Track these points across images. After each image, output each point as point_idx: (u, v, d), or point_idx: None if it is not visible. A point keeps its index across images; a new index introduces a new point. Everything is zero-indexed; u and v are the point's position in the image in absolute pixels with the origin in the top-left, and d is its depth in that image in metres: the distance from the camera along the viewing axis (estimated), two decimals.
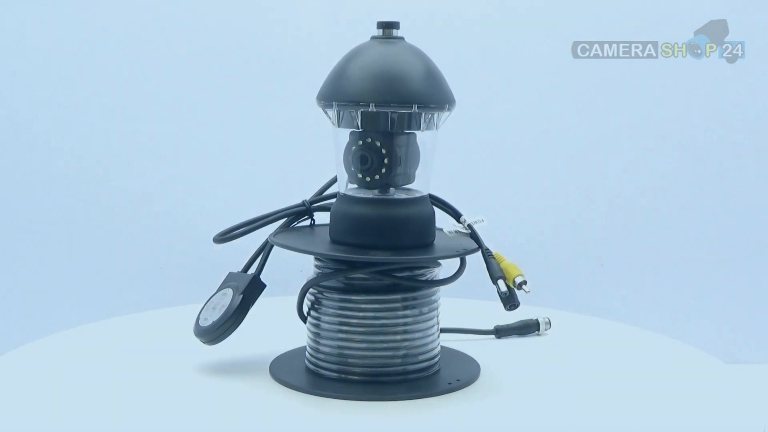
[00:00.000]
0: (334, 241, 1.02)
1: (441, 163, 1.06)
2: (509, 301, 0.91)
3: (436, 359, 1.03)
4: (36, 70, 1.82)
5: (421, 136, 1.01)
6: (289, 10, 1.81)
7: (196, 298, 1.51)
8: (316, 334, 1.02)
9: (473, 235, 1.00)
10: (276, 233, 1.06)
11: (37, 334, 1.17)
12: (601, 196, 1.83)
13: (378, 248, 0.98)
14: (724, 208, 1.84)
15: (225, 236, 1.05)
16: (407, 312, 0.99)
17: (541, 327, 1.20)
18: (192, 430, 0.88)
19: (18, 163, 1.84)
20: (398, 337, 0.99)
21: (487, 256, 0.95)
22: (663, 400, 0.97)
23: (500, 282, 0.93)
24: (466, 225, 1.01)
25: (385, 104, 0.96)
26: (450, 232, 1.00)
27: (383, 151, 0.99)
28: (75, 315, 1.72)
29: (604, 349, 1.18)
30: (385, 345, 0.99)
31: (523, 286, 0.93)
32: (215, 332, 1.01)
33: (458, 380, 1.00)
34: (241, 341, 1.12)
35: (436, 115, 1.00)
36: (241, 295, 1.02)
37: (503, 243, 1.03)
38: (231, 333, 1.02)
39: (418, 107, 0.96)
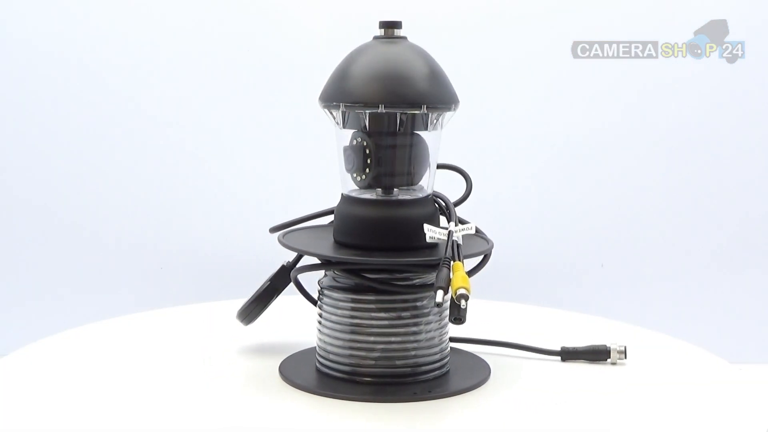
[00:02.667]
0: (335, 240, 1.02)
1: (441, 162, 1.06)
2: (452, 313, 0.87)
3: (427, 367, 0.99)
4: (37, 69, 1.82)
5: (424, 137, 1.01)
6: (291, 9, 1.81)
7: (196, 298, 1.51)
8: (319, 330, 1.02)
9: (448, 242, 0.94)
10: (287, 233, 1.06)
11: (37, 335, 1.17)
12: (602, 196, 1.83)
13: (371, 249, 0.97)
14: (725, 207, 1.84)
15: (280, 228, 1.08)
16: (382, 314, 0.98)
17: (612, 355, 1.08)
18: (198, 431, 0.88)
19: (18, 163, 1.84)
20: (371, 338, 0.98)
21: (442, 264, 0.90)
22: (669, 400, 0.97)
23: (439, 292, 0.87)
24: (447, 231, 0.96)
25: (387, 105, 0.95)
26: (432, 238, 0.96)
27: (367, 151, 0.99)
28: (75, 315, 1.72)
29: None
30: (359, 345, 0.98)
31: (462, 300, 0.87)
32: (242, 314, 1.09)
33: (429, 392, 0.96)
34: (251, 340, 1.14)
35: (439, 116, 0.99)
36: (269, 282, 1.08)
37: (504, 243, 1.03)
38: (258, 315, 1.09)
39: (421, 108, 0.96)
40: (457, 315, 0.87)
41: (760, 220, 1.85)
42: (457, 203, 1.05)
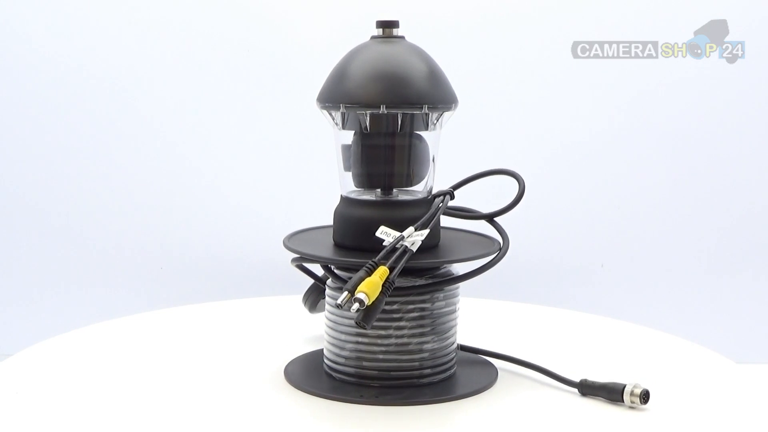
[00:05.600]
0: (333, 241, 1.01)
1: (440, 162, 1.06)
2: (358, 317, 0.86)
3: (402, 373, 0.97)
4: (38, 69, 1.82)
5: (423, 137, 1.00)
6: (290, 11, 1.81)
7: (196, 298, 1.51)
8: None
9: (389, 246, 0.91)
10: (293, 235, 1.05)
11: (39, 336, 1.17)
12: (602, 196, 1.83)
13: (362, 249, 0.96)
14: (724, 207, 1.84)
15: None
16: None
17: (626, 397, 0.94)
18: None
19: (19, 164, 1.84)
20: (343, 336, 0.98)
21: (364, 266, 0.88)
22: (675, 400, 0.97)
23: (344, 294, 0.86)
24: (392, 235, 0.93)
25: (385, 105, 0.94)
26: (388, 242, 0.93)
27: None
28: (76, 316, 1.72)
29: (613, 348, 1.17)
30: (337, 342, 0.99)
31: (355, 303, 0.85)
32: (303, 300, 1.12)
33: (376, 397, 0.95)
34: (254, 341, 1.15)
35: (438, 116, 0.99)
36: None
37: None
38: (316, 303, 1.11)
39: (420, 108, 0.95)
40: (358, 318, 0.86)
41: (761, 219, 1.85)
42: (510, 206, 1.03)
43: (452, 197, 1.03)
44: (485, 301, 1.34)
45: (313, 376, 1.01)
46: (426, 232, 0.94)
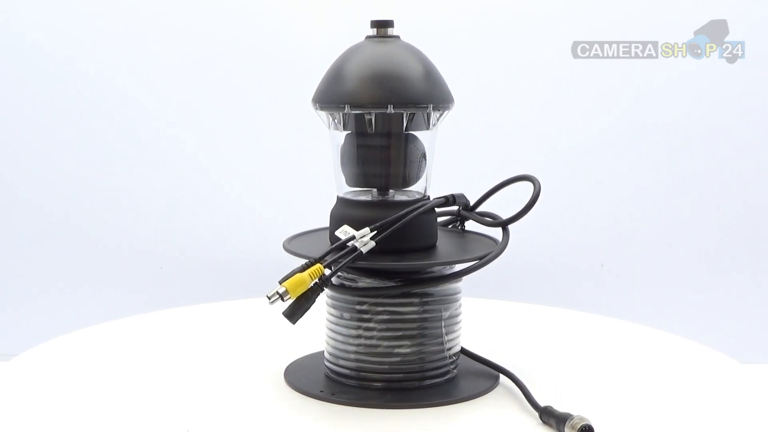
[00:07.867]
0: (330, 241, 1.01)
1: (440, 163, 1.06)
2: (284, 310, 0.87)
3: (364, 374, 0.96)
4: (39, 69, 1.82)
5: (419, 137, 0.99)
6: (284, 11, 1.81)
7: (196, 299, 1.51)
8: None
9: (334, 245, 0.91)
10: (293, 238, 1.05)
11: (39, 337, 1.17)
12: (602, 196, 1.83)
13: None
14: (724, 206, 1.84)
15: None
16: (332, 311, 0.98)
17: (566, 430, 0.86)
18: None
19: (19, 164, 1.84)
20: (328, 332, 1.00)
21: (304, 263, 0.88)
22: (679, 400, 0.97)
23: (276, 287, 0.87)
24: (348, 235, 0.91)
25: (380, 106, 0.94)
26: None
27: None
28: (76, 317, 1.73)
29: (613, 348, 1.17)
30: (325, 338, 1.01)
31: (275, 295, 0.85)
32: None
33: (333, 394, 0.95)
34: (256, 342, 1.14)
35: (433, 115, 0.98)
36: None
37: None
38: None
39: (414, 108, 0.94)
40: (284, 312, 0.87)
41: (761, 219, 1.85)
42: (523, 212, 1.02)
43: (451, 202, 1.02)
44: (485, 301, 1.34)
45: (313, 377, 1.01)
46: (373, 233, 0.91)
